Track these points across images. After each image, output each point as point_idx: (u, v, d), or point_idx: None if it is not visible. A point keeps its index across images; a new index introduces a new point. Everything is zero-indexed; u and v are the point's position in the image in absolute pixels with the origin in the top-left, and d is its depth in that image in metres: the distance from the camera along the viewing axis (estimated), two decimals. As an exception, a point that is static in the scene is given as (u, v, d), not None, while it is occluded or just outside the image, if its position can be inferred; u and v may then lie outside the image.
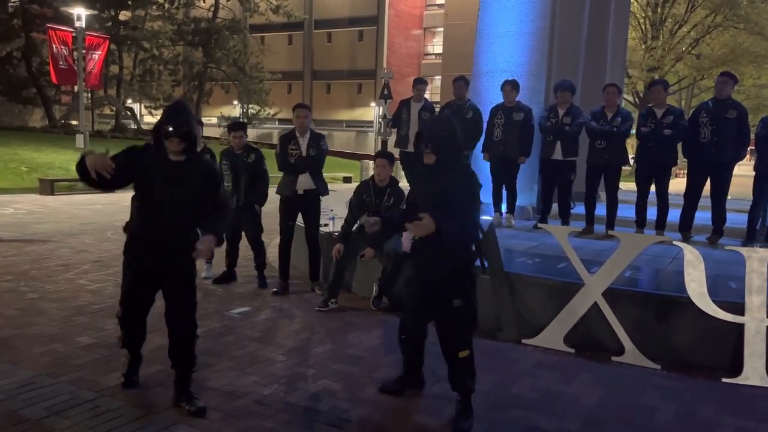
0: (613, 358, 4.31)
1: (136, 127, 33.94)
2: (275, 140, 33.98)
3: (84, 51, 15.61)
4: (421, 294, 3.51)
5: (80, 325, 4.79)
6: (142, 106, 38.23)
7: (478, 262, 3.45)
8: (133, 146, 3.38)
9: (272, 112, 36.13)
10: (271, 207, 6.28)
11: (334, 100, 45.09)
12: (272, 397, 3.62)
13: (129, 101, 35.34)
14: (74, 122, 26.23)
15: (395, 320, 5.11)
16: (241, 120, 11.66)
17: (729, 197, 6.65)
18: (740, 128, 6.34)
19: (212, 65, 33.91)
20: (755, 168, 6.52)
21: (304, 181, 5.82)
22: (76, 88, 17.47)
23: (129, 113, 34.91)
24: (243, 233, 6.28)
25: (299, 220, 6.06)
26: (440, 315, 3.43)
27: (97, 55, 16.31)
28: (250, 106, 35.22)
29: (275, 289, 5.95)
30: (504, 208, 7.36)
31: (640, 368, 4.19)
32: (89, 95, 24.76)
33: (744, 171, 6.65)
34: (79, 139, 14.81)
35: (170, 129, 3.20)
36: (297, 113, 5.79)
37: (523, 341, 4.66)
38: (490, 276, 4.91)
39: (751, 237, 6.54)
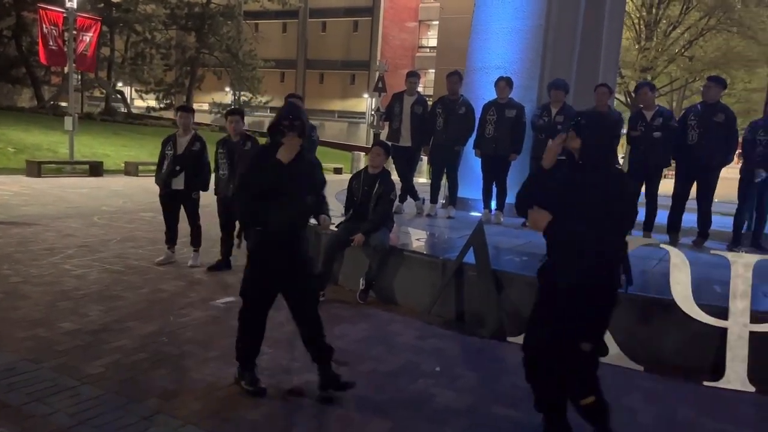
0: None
1: (126, 110, 33.62)
2: (266, 128, 34.09)
3: (75, 32, 15.37)
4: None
5: (64, 310, 4.75)
6: (133, 89, 37.85)
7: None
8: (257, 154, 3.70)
9: (264, 99, 35.91)
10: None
11: (326, 90, 44.86)
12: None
13: (119, 84, 34.95)
14: (63, 104, 25.91)
15: (382, 314, 5.14)
16: (234, 107, 11.59)
17: (716, 200, 6.69)
18: (728, 132, 6.38)
19: (205, 51, 33.61)
20: (741, 172, 6.56)
21: (295, 172, 5.78)
22: (65, 69, 17.21)
23: (119, 96, 34.56)
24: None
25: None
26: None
27: (89, 37, 16.04)
28: (242, 93, 34.98)
29: (262, 280, 5.92)
30: (493, 204, 7.37)
31: (624, 369, 4.22)
32: (79, 77, 24.44)
33: (733, 174, 6.70)
34: (68, 122, 14.61)
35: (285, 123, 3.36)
36: (289, 102, 5.76)
37: (509, 339, 4.67)
38: (477, 272, 4.93)
39: (736, 241, 6.59)
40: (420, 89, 7.67)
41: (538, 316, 3.02)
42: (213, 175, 6.35)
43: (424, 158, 10.69)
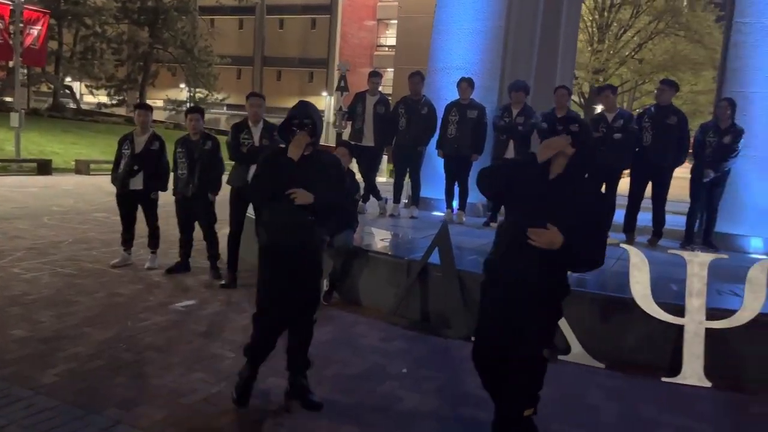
0: (560, 357, 4.39)
1: (75, 106, 32.51)
2: (223, 126, 32.89)
3: (22, 25, 14.78)
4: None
5: (14, 316, 4.54)
6: (83, 85, 36.62)
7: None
8: (267, 155, 3.50)
9: (220, 97, 35.31)
10: (222, 197, 6.13)
11: (284, 88, 44.38)
12: (220, 396, 3.52)
13: (68, 79, 33.76)
14: (9, 99, 24.87)
15: (346, 316, 5.10)
16: (189, 104, 11.23)
17: (669, 200, 6.89)
18: (680, 134, 6.59)
19: (159, 46, 32.76)
20: (691, 172, 6.77)
21: (256, 172, 5.69)
22: (11, 63, 16.53)
23: (68, 92, 33.39)
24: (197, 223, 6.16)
25: (250, 211, 5.93)
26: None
27: (37, 31, 15.46)
28: (197, 90, 34.30)
29: (223, 282, 5.81)
30: (456, 204, 7.41)
31: (586, 367, 4.29)
32: (25, 71, 23.51)
33: (686, 174, 6.92)
34: (14, 118, 14.05)
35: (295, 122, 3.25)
36: (251, 102, 5.66)
37: (474, 339, 4.68)
38: (442, 273, 4.94)
39: (688, 239, 6.80)
40: (380, 88, 7.66)
41: (494, 320, 2.92)
42: (172, 175, 6.19)
43: (385, 158, 10.70)
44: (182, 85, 36.10)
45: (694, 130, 7.10)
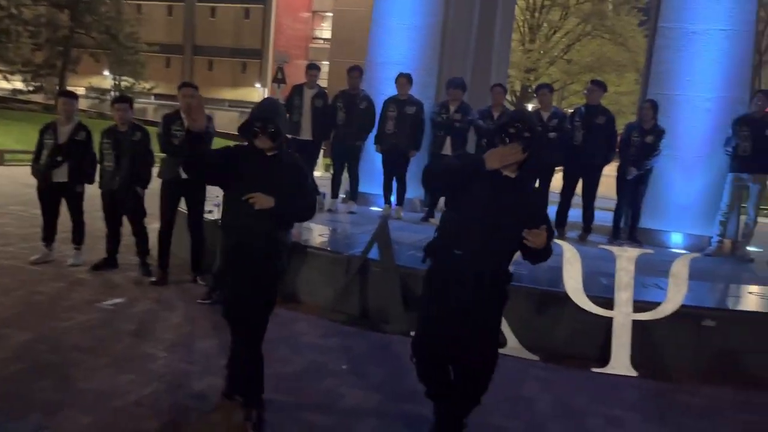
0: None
1: (-13, 92, 30.51)
2: (150, 116, 31.66)
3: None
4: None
5: None
6: (-4, 69, 34.36)
7: None
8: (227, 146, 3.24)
9: (148, 86, 33.93)
10: (151, 191, 5.89)
11: (216, 78, 43.23)
12: (153, 397, 3.38)
13: (-21, 63, 31.61)
14: None
15: (285, 313, 5.01)
16: (114, 92, 10.73)
17: (598, 196, 7.16)
18: (608, 133, 6.88)
19: (80, 31, 31.08)
20: (618, 170, 7.07)
21: (189, 165, 5.49)
22: None
23: (-22, 77, 31.26)
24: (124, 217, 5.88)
25: (182, 205, 5.73)
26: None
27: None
28: (123, 78, 32.84)
29: (153, 279, 5.60)
30: (393, 200, 7.43)
31: (521, 360, 4.40)
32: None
33: (614, 172, 7.24)
34: None
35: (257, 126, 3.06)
36: (183, 93, 5.44)
37: (413, 333, 4.70)
38: (381, 268, 4.94)
39: (615, 234, 7.10)
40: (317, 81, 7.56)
41: (441, 311, 2.95)
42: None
43: (322, 151, 10.59)
44: (106, 73, 34.49)
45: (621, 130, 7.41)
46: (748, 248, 6.70)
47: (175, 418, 3.18)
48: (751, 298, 5.07)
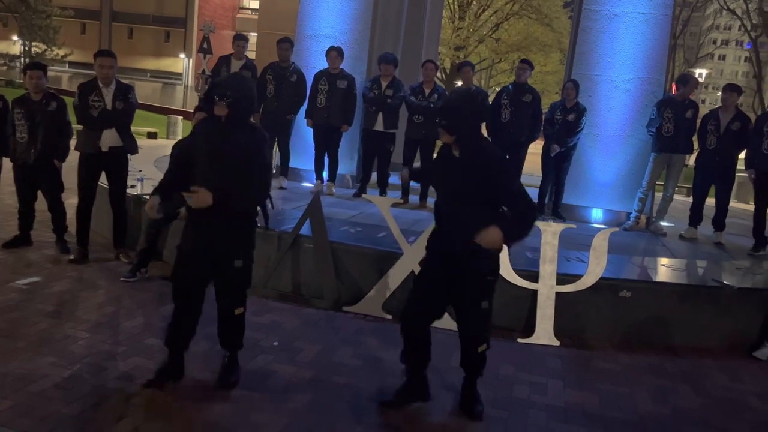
0: (433, 325, 4.56)
1: None
2: (65, 86, 29.92)
3: None
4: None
5: None
6: None
7: None
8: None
9: (62, 53, 31.94)
10: (68, 164, 5.58)
11: (137, 47, 41.24)
12: (74, 380, 3.25)
13: None
14: None
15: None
16: (24, 59, 9.87)
17: (524, 173, 7.37)
18: (534, 111, 7.09)
19: (-15, -9, 28.91)
20: (543, 148, 7.29)
21: (110, 138, 5.23)
22: None
23: None
24: (40, 192, 5.54)
25: (102, 180, 5.46)
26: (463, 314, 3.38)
27: None
28: (33, 44, 30.75)
29: (72, 257, 5.34)
30: (325, 175, 7.36)
31: (452, 332, 4.49)
32: None
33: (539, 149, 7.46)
34: None
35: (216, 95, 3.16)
36: (100, 62, 5.15)
37: (344, 309, 4.74)
38: (313, 244, 4.91)
39: (540, 210, 7.33)
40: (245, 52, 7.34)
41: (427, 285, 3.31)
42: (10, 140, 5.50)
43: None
44: (15, 38, 32.19)
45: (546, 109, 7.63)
46: (662, 223, 7.09)
47: (98, 402, 3.07)
48: (663, 270, 5.38)
